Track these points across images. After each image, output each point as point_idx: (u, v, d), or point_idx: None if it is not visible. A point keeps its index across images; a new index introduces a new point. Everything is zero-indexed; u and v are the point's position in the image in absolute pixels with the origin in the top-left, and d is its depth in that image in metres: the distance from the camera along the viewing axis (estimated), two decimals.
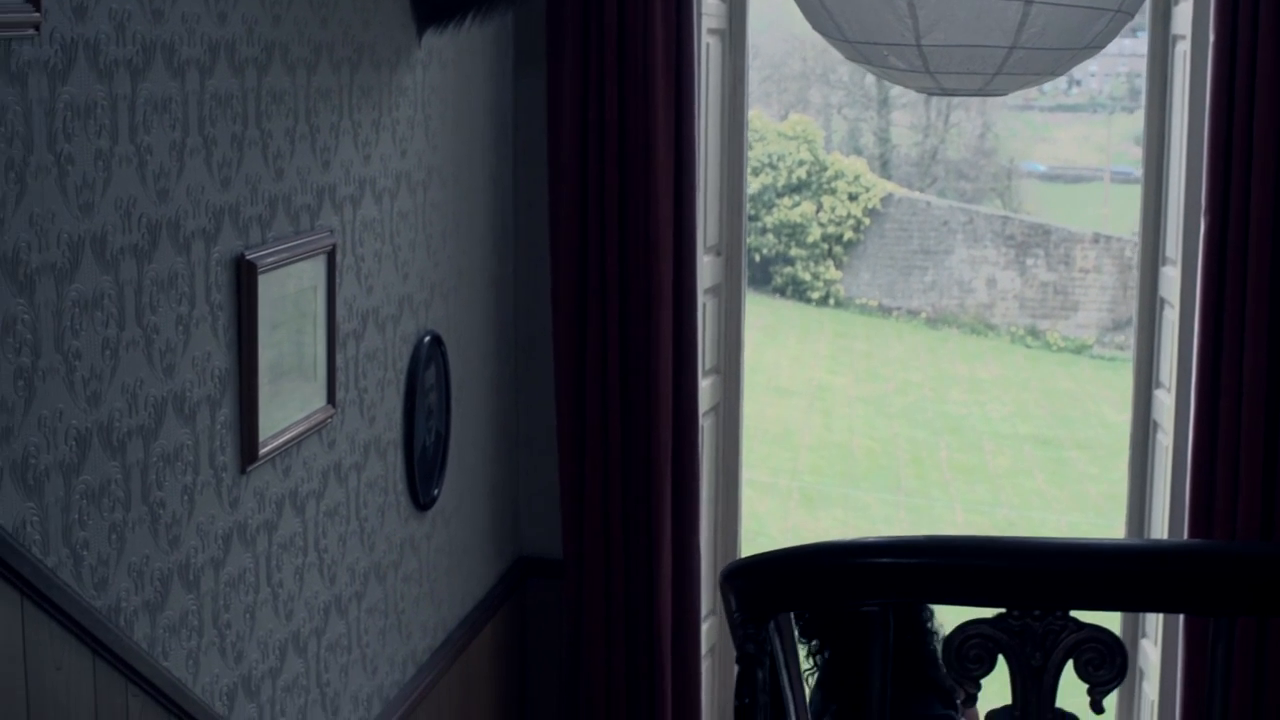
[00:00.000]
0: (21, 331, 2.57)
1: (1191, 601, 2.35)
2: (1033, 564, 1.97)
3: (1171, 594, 2.20)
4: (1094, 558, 1.98)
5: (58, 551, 2.70)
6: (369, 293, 4.04)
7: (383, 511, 4.20)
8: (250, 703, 3.46)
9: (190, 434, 3.14)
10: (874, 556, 2.00)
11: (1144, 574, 1.97)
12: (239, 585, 3.38)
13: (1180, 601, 2.38)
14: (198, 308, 3.15)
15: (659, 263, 4.99)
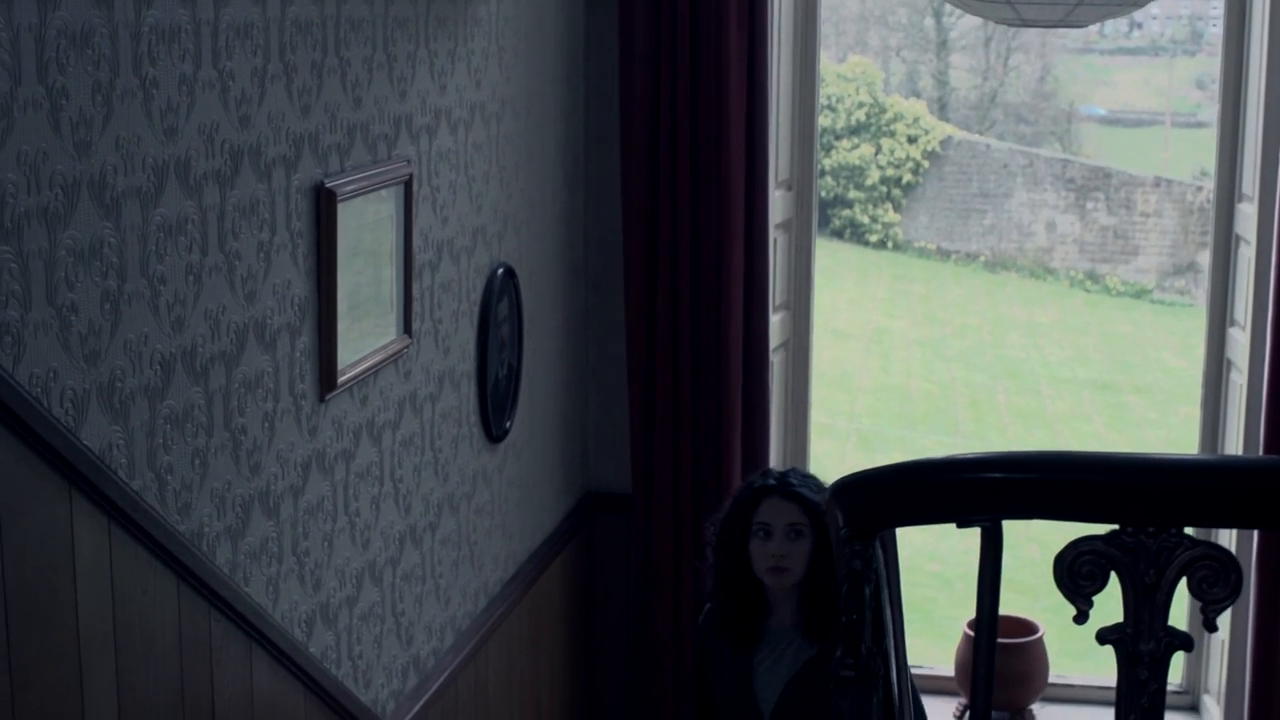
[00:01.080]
0: (108, 255, 2.57)
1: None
2: (1148, 479, 1.94)
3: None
4: (1211, 474, 1.94)
5: (143, 475, 2.71)
6: (444, 224, 4.03)
7: (456, 443, 4.20)
8: (328, 630, 3.47)
9: (270, 361, 3.14)
10: (986, 471, 1.97)
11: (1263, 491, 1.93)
12: (317, 513, 3.39)
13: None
14: (278, 235, 3.15)
15: (730, 197, 4.97)
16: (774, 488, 4.02)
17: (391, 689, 3.83)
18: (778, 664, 4.02)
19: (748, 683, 4.05)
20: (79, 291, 2.49)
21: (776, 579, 3.98)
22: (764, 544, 3.97)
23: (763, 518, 3.98)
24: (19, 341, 2.35)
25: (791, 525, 3.96)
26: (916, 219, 24.96)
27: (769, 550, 3.97)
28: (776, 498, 4.00)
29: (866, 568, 1.98)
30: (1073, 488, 1.96)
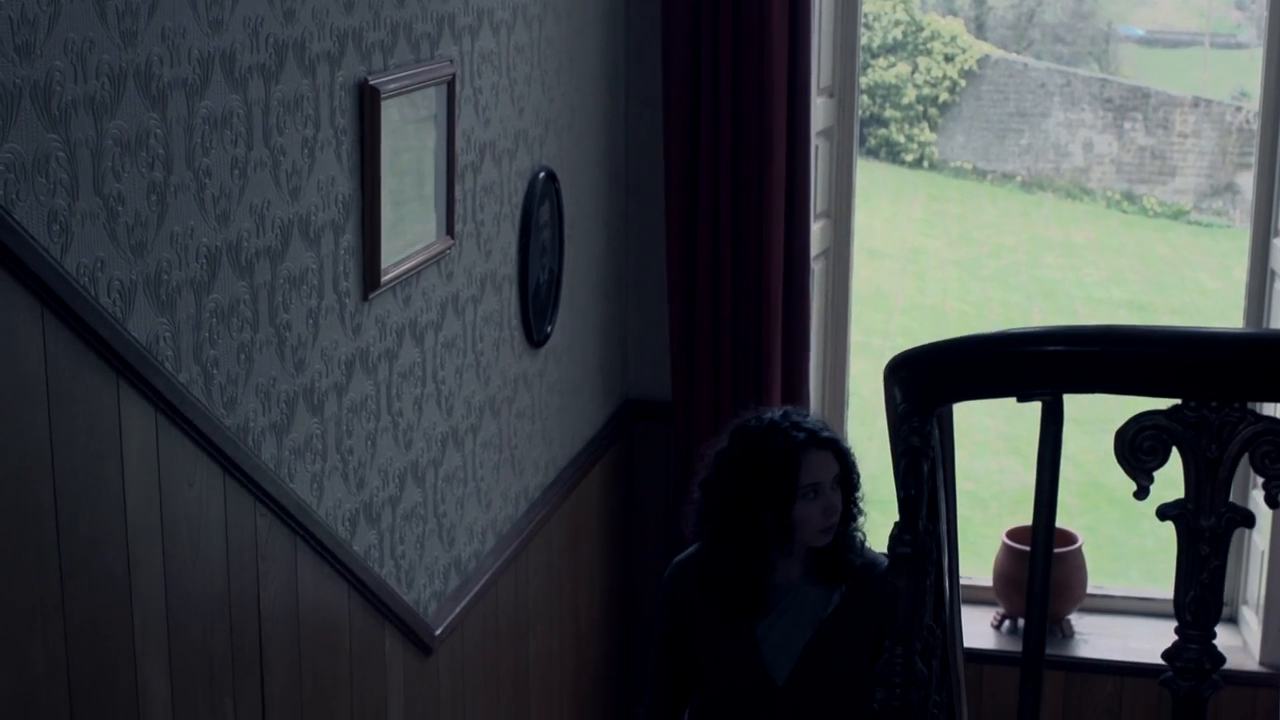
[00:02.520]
0: (154, 146, 2.56)
1: None
2: (1212, 353, 1.90)
3: None
4: (1276, 348, 1.92)
5: (189, 369, 2.71)
6: (486, 125, 4.01)
7: (497, 346, 4.20)
8: (371, 529, 3.48)
9: (315, 258, 3.13)
10: (1047, 344, 1.94)
11: None
12: (361, 412, 3.39)
13: None
14: (322, 131, 3.13)
15: (772, 103, 4.94)
16: (806, 441, 3.69)
17: (433, 590, 3.85)
18: (791, 625, 3.73)
19: (754, 652, 3.73)
20: (125, 182, 2.48)
21: (828, 536, 3.70)
22: (813, 504, 3.66)
23: (810, 477, 3.66)
24: (67, 230, 2.34)
25: (836, 477, 3.70)
26: (953, 138, 24.82)
27: (822, 510, 3.67)
28: (813, 451, 3.69)
29: (925, 444, 1.96)
30: (1135, 361, 1.93)
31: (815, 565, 3.75)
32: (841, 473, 3.71)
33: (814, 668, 3.70)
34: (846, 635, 3.73)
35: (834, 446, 3.72)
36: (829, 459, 3.69)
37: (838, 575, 3.74)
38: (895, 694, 2.01)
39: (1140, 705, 5.27)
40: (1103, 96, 24.41)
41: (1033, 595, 2.04)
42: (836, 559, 3.73)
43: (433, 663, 3.83)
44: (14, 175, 2.21)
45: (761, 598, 3.72)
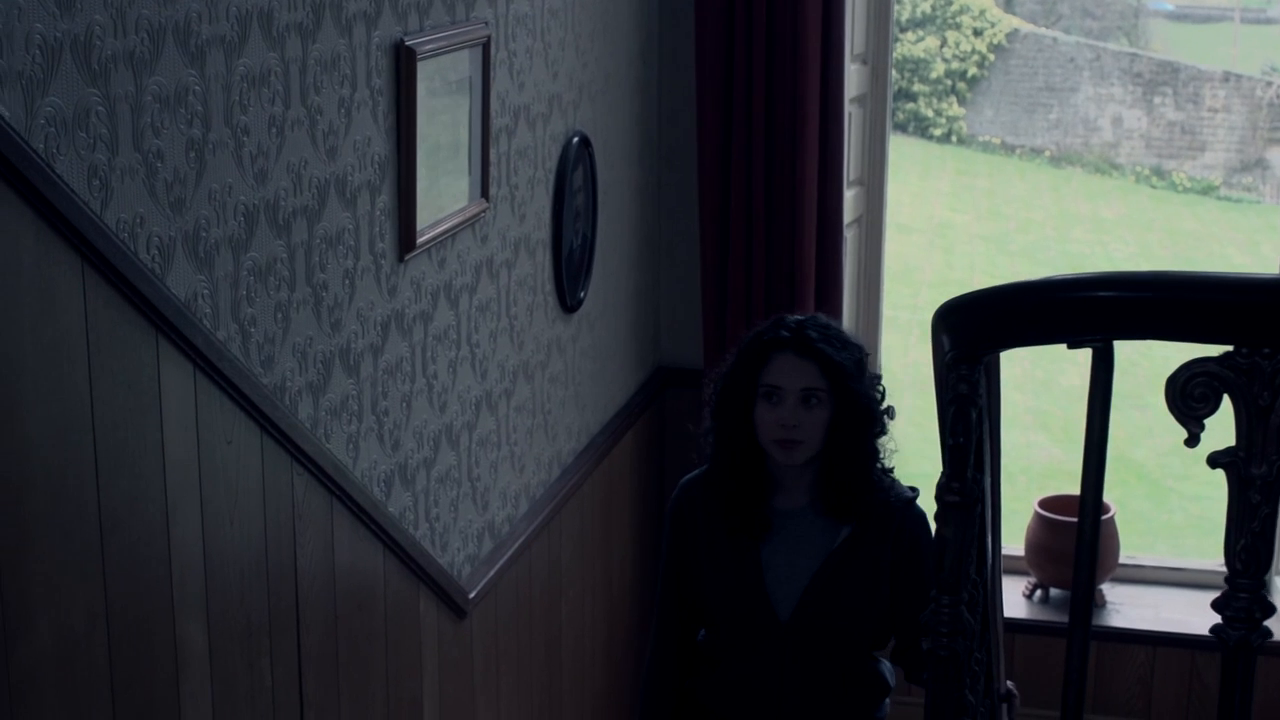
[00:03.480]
0: (193, 103, 2.55)
1: None
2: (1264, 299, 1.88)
3: None
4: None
5: (227, 327, 2.71)
6: (520, 89, 4.00)
7: (531, 311, 4.19)
8: (406, 491, 3.48)
9: (351, 218, 3.13)
10: (1097, 290, 1.92)
11: None
12: (396, 373, 3.39)
13: None
14: (359, 91, 3.13)
15: (806, 70, 4.92)
16: (787, 341, 3.43)
17: (467, 553, 3.85)
18: (795, 555, 3.52)
19: (757, 579, 3.51)
20: (165, 138, 2.48)
21: (786, 453, 3.43)
22: (772, 410, 3.42)
23: (772, 379, 3.42)
24: (106, 185, 2.34)
25: (807, 390, 3.41)
26: (981, 113, 24.73)
27: (777, 418, 3.41)
28: (790, 355, 3.42)
29: (973, 391, 1.95)
30: (1186, 307, 1.92)
31: (821, 495, 3.52)
32: (831, 389, 3.43)
33: (820, 603, 3.47)
34: (856, 570, 3.49)
35: (820, 358, 3.41)
36: (807, 368, 3.41)
37: (844, 512, 3.50)
38: (942, 643, 2.01)
39: (1172, 675, 5.26)
40: (1132, 71, 24.30)
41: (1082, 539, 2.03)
42: (841, 494, 3.49)
43: (466, 626, 3.83)
44: (55, 129, 2.21)
45: (761, 515, 3.51)
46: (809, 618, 3.48)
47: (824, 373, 3.41)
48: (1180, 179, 23.65)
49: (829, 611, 3.48)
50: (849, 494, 3.50)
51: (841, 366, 3.43)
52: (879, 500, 3.53)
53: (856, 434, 3.47)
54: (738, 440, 3.49)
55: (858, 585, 3.50)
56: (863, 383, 3.49)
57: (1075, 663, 2.07)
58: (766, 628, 3.50)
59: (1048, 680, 5.21)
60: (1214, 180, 23.58)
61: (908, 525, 3.54)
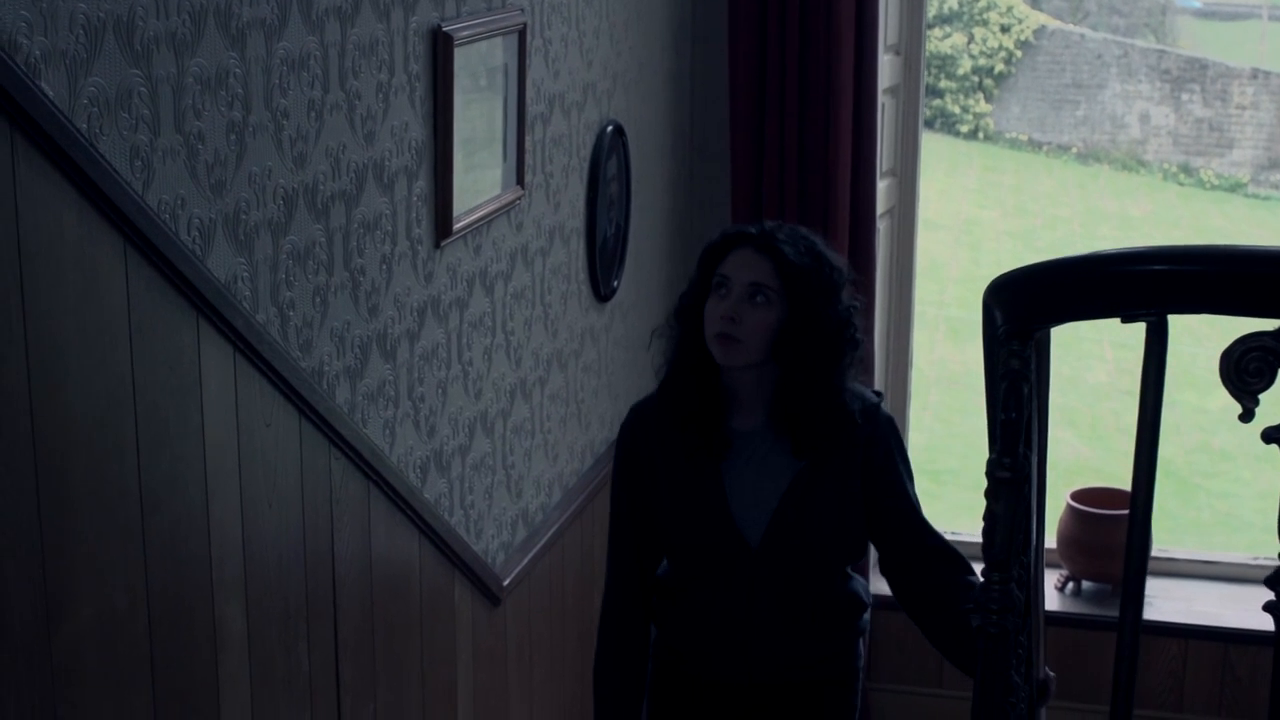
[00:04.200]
0: (233, 85, 2.56)
1: None
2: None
3: None
4: None
5: (266, 310, 2.71)
6: (555, 77, 4.00)
7: (565, 299, 4.19)
8: (441, 478, 3.48)
9: (389, 204, 3.13)
10: (1151, 264, 1.91)
11: None
12: (432, 360, 3.39)
13: None
14: (396, 76, 3.13)
15: (839, 60, 4.91)
16: (750, 237, 3.21)
17: (501, 540, 3.85)
18: (759, 477, 3.27)
19: (721, 503, 3.26)
20: (206, 120, 2.48)
21: (722, 350, 3.17)
22: (718, 303, 3.18)
23: (724, 269, 3.19)
24: (148, 166, 2.34)
25: (755, 284, 3.15)
26: (1008, 109, 24.67)
27: (720, 310, 3.16)
28: (749, 249, 3.19)
29: (1024, 367, 1.94)
30: (1241, 281, 1.90)
31: (775, 417, 3.26)
32: (784, 291, 3.17)
33: (791, 527, 3.24)
34: (826, 489, 3.26)
35: (777, 257, 3.17)
36: (761, 263, 3.18)
37: (799, 443, 3.24)
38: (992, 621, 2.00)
39: (1204, 667, 5.24)
40: (1160, 68, 24.22)
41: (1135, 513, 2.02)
42: (795, 423, 3.23)
43: (500, 613, 3.83)
44: (98, 109, 2.21)
45: (719, 433, 3.25)
46: (780, 543, 3.25)
47: (778, 271, 3.16)
48: (1208, 176, 23.57)
49: (801, 535, 3.25)
50: (805, 422, 3.23)
51: (800, 269, 3.17)
52: (842, 421, 3.25)
53: (807, 348, 3.18)
54: (690, 341, 3.25)
55: (829, 504, 3.27)
56: (826, 297, 3.20)
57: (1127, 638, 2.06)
58: (735, 556, 3.26)
59: (1080, 673, 5.20)
60: (1242, 177, 23.49)
61: (877, 432, 3.30)
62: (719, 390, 3.27)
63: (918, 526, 3.35)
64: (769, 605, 3.30)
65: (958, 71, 24.42)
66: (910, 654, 5.43)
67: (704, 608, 3.35)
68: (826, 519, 3.27)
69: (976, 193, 22.56)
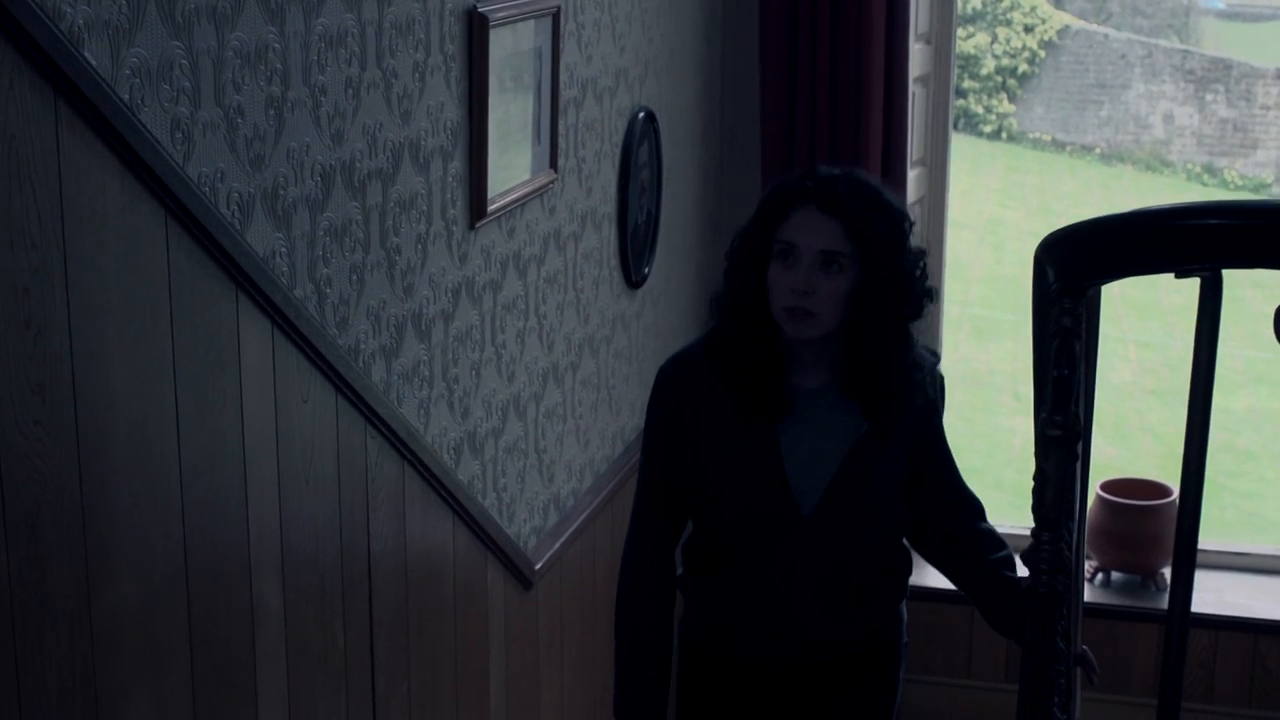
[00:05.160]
0: (272, 60, 2.56)
1: None
2: None
3: None
4: None
5: (303, 286, 2.71)
6: (588, 61, 4.00)
7: (597, 285, 4.19)
8: (474, 460, 3.47)
9: (424, 183, 3.13)
10: (1206, 218, 1.90)
11: None
12: (466, 341, 3.38)
13: None
14: (432, 56, 3.12)
15: (870, 49, 4.90)
16: (811, 193, 2.96)
17: (533, 524, 3.84)
18: (819, 439, 3.07)
19: (777, 469, 3.05)
20: (245, 94, 2.48)
21: (796, 325, 2.97)
22: (786, 272, 2.96)
23: (788, 235, 2.96)
24: (189, 139, 2.34)
25: (826, 252, 2.94)
26: (1032, 109, 24.64)
27: (790, 281, 2.95)
28: (813, 209, 2.95)
29: (1076, 324, 1.93)
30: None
31: (842, 375, 3.07)
32: (857, 254, 2.96)
33: (848, 494, 3.06)
34: (886, 455, 3.11)
35: (847, 216, 2.94)
36: (831, 229, 2.95)
37: (867, 405, 3.06)
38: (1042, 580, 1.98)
39: (1235, 659, 5.22)
40: (1184, 68, 24.17)
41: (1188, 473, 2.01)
42: (864, 384, 3.04)
43: (532, 597, 3.83)
44: (139, 80, 2.21)
45: (780, 392, 3.04)
46: (835, 511, 3.07)
47: (850, 234, 2.93)
48: (1232, 176, 23.51)
49: (859, 503, 3.08)
50: (876, 384, 3.04)
51: (872, 229, 2.95)
52: (910, 390, 3.08)
53: (883, 313, 2.99)
54: (748, 306, 3.02)
55: (888, 472, 3.12)
56: (899, 253, 3.00)
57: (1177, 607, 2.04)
58: (785, 523, 3.06)
59: (1112, 665, 5.18)
60: (1266, 178, 23.43)
61: (939, 399, 3.21)
62: (780, 346, 3.06)
63: (952, 482, 3.27)
64: (814, 577, 3.12)
65: (981, 71, 24.40)
66: (938, 645, 5.41)
67: (741, 580, 3.15)
68: (885, 487, 3.11)
69: (1000, 193, 22.55)
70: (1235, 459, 12.74)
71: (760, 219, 3.04)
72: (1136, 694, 5.15)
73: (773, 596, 3.14)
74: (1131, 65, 24.25)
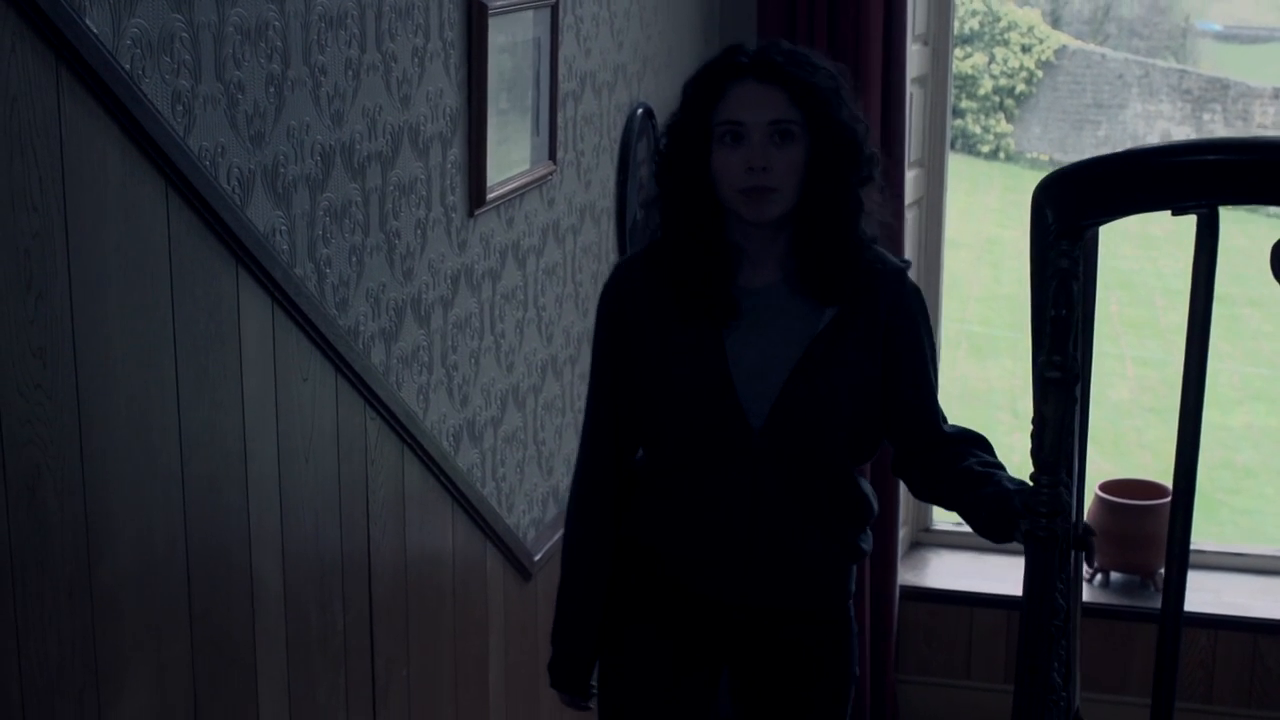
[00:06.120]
0: (272, 38, 2.57)
1: None
2: None
3: None
4: None
5: (303, 265, 2.71)
6: (587, 55, 4.01)
7: (595, 279, 4.19)
8: (474, 448, 3.48)
9: (423, 169, 3.14)
10: (1202, 154, 1.89)
11: None
12: (465, 328, 3.39)
13: None
14: (431, 42, 3.14)
15: (868, 48, 4.91)
16: (745, 68, 2.77)
17: (532, 516, 3.85)
18: (769, 344, 2.84)
19: (723, 377, 2.82)
20: (245, 70, 2.49)
21: (756, 206, 2.76)
22: (735, 152, 2.75)
23: (731, 114, 2.76)
24: (189, 112, 2.35)
25: (777, 123, 2.74)
26: (1029, 129, 24.68)
27: (743, 159, 2.74)
28: (751, 83, 2.76)
29: (1074, 266, 1.93)
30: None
31: (797, 267, 2.85)
32: (805, 121, 2.77)
33: (801, 404, 2.81)
34: (844, 362, 2.85)
35: (790, 83, 2.76)
36: (775, 98, 2.75)
37: (826, 287, 2.83)
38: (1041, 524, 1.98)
39: (1234, 659, 5.21)
40: (1181, 88, 24.22)
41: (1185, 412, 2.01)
42: (822, 264, 2.82)
43: (531, 588, 3.83)
44: (140, 51, 2.22)
45: (725, 294, 2.83)
46: (788, 423, 2.82)
47: (795, 100, 2.75)
48: None
49: (812, 414, 2.83)
50: (832, 262, 2.82)
51: (818, 90, 2.78)
52: (867, 271, 2.86)
53: (839, 178, 2.80)
54: (693, 200, 2.82)
55: (846, 380, 2.85)
56: (843, 112, 2.83)
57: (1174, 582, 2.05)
58: (734, 437, 2.83)
59: (1111, 665, 5.19)
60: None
61: (902, 302, 2.90)
62: (725, 246, 2.85)
63: (934, 417, 2.95)
64: (768, 499, 2.87)
65: (979, 91, 24.44)
66: (937, 646, 5.41)
67: (689, 501, 2.92)
68: (842, 396, 2.83)
69: (998, 212, 22.55)
70: (1234, 476, 12.73)
71: (692, 105, 2.83)
72: (1136, 694, 5.15)
73: (724, 517, 2.90)
74: (1129, 85, 24.30)
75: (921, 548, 5.70)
